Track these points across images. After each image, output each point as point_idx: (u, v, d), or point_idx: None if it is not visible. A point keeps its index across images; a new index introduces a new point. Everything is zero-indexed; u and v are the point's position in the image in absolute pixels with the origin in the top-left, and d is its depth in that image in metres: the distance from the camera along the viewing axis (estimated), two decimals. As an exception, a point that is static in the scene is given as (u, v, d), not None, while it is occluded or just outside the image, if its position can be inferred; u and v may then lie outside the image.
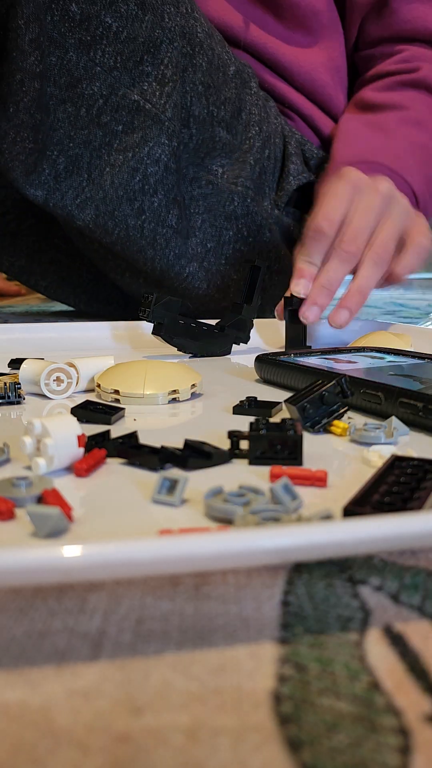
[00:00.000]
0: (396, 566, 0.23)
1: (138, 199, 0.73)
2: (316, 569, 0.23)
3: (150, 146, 0.71)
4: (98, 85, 0.67)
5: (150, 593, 0.21)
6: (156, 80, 0.69)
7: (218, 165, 0.77)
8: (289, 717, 0.16)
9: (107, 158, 0.71)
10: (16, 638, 0.19)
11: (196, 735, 0.16)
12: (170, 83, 0.70)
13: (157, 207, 0.73)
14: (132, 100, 0.69)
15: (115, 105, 0.68)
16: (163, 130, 0.71)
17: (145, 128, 0.70)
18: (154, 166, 0.72)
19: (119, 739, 0.16)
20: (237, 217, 0.79)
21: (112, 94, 0.68)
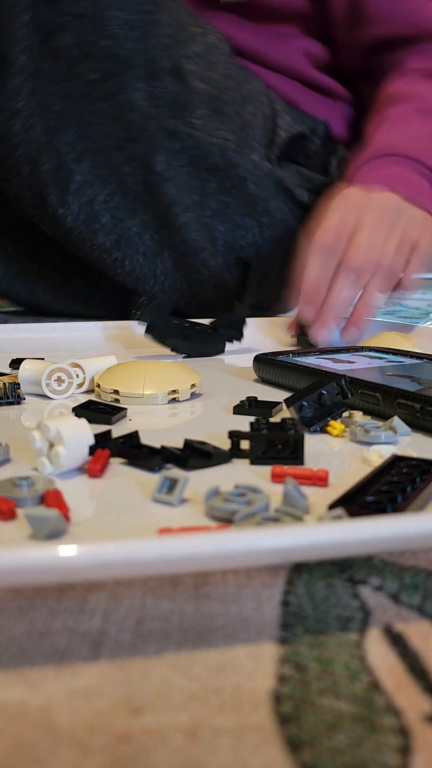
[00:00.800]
0: (396, 566, 0.23)
1: (126, 147, 0.74)
2: (316, 569, 0.23)
3: (127, 92, 0.73)
4: (70, 35, 0.69)
5: (150, 593, 0.21)
6: (125, 23, 0.72)
7: (196, 117, 0.78)
8: (289, 717, 0.16)
9: (89, 109, 0.72)
10: (16, 638, 0.19)
11: (196, 735, 0.16)
12: (138, 28, 0.72)
13: (144, 153, 0.75)
14: (102, 45, 0.71)
15: (87, 53, 0.70)
16: (139, 75, 0.73)
17: (120, 74, 0.72)
18: (134, 113, 0.74)
19: (119, 739, 0.16)
20: (219, 169, 0.80)
21: (83, 42, 0.70)
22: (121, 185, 0.76)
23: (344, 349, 0.52)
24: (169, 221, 0.78)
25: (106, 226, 0.77)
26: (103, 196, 0.76)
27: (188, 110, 0.77)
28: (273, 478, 0.29)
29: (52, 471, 0.29)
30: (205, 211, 0.80)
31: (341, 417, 0.37)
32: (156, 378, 0.42)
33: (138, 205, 0.77)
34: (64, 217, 0.74)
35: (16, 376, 0.46)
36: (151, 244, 0.79)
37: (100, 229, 0.76)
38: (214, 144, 0.79)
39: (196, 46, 0.78)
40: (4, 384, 0.42)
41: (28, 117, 0.68)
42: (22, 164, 0.70)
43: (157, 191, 0.76)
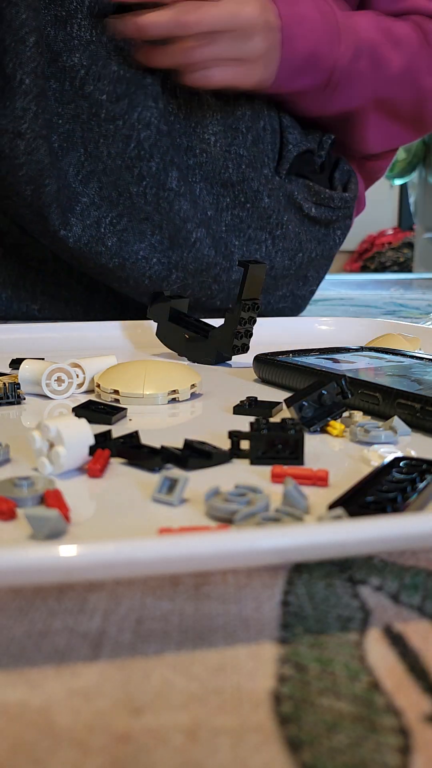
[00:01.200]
0: (396, 566, 0.23)
1: (136, 166, 0.74)
2: (316, 569, 0.23)
3: (139, 111, 0.72)
4: (78, 56, 0.69)
5: (150, 593, 0.21)
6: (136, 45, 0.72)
7: (210, 133, 0.79)
8: (289, 717, 0.16)
9: (98, 129, 0.72)
10: (16, 638, 0.19)
11: (196, 735, 0.16)
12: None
13: (156, 171, 0.74)
14: (112, 70, 0.71)
15: (96, 75, 0.70)
16: (148, 93, 0.73)
17: (130, 94, 0.72)
18: (146, 131, 0.73)
19: (119, 739, 0.16)
20: (233, 184, 0.80)
21: (92, 65, 0.70)
22: (130, 207, 0.75)
23: (344, 349, 0.52)
24: (182, 239, 0.77)
25: (111, 249, 0.76)
26: (110, 219, 0.75)
27: (202, 126, 0.78)
28: (273, 478, 0.29)
29: (52, 471, 0.29)
30: (220, 226, 0.80)
31: (341, 417, 0.37)
32: (156, 378, 0.42)
33: (146, 228, 0.76)
34: (65, 239, 0.74)
35: (16, 376, 0.46)
36: (159, 269, 0.78)
37: (103, 252, 0.76)
38: (229, 159, 0.79)
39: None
40: (4, 384, 0.42)
41: (32, 139, 0.68)
42: (24, 184, 0.70)
43: (170, 209, 0.76)
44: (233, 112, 0.80)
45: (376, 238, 3.90)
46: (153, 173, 0.74)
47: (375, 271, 3.74)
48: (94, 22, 0.69)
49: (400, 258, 3.72)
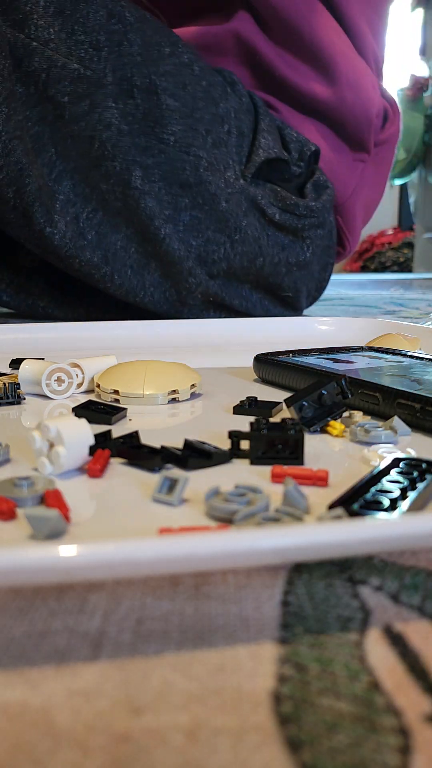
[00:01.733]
0: (396, 566, 0.23)
1: (102, 165, 0.76)
2: (316, 569, 0.23)
3: (99, 112, 0.74)
4: (38, 59, 0.71)
5: (150, 593, 0.21)
6: (91, 46, 0.73)
7: (168, 133, 0.80)
8: (289, 717, 0.16)
9: (65, 130, 0.74)
10: (16, 638, 0.19)
11: (196, 735, 0.16)
12: (105, 48, 0.74)
13: (120, 170, 0.76)
14: (71, 68, 0.72)
15: (57, 77, 0.72)
16: (108, 93, 0.75)
17: (90, 94, 0.74)
18: (107, 131, 0.75)
19: (119, 739, 0.16)
20: (190, 185, 0.82)
21: (52, 67, 0.72)
22: (102, 202, 0.78)
23: (344, 349, 0.52)
24: (151, 234, 0.79)
25: (92, 242, 0.78)
26: (86, 214, 0.78)
27: (161, 126, 0.79)
28: (273, 478, 0.29)
29: (52, 471, 0.29)
30: (178, 225, 0.82)
31: (341, 417, 0.37)
32: (156, 378, 0.42)
33: (119, 221, 0.79)
34: (51, 236, 0.75)
35: (16, 376, 0.46)
36: (137, 257, 0.81)
37: (86, 245, 0.78)
38: (186, 161, 0.81)
39: (167, 65, 0.79)
40: (4, 384, 0.42)
41: (7, 141, 0.70)
42: (6, 187, 0.72)
43: (137, 206, 0.78)
44: (192, 114, 0.81)
45: (376, 238, 3.90)
46: (117, 172, 0.76)
47: (375, 271, 3.74)
48: (50, 21, 0.71)
49: (400, 258, 3.72)
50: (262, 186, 0.88)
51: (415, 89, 2.77)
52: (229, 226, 0.84)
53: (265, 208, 0.87)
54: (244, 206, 0.85)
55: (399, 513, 0.24)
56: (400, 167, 2.83)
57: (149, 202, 0.78)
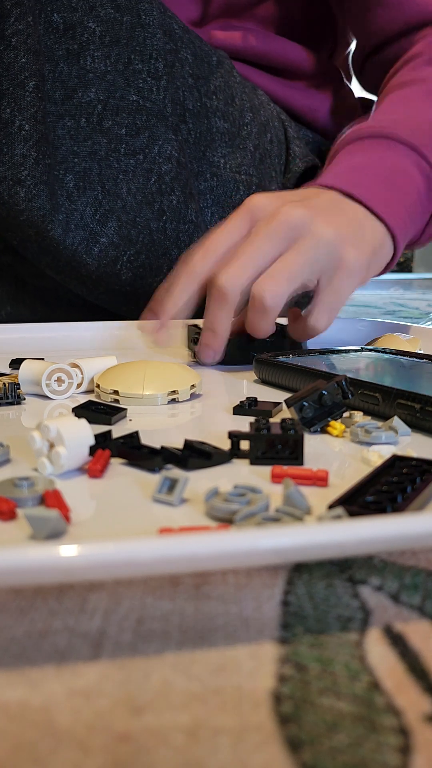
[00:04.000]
0: (396, 566, 0.23)
1: (157, 201, 0.71)
2: (316, 569, 0.23)
3: (159, 144, 0.70)
4: (94, 90, 0.66)
5: (150, 593, 0.21)
6: (150, 75, 0.69)
7: (219, 156, 0.76)
8: (289, 717, 0.16)
9: (117, 165, 0.68)
10: (16, 638, 0.19)
11: (197, 735, 0.16)
12: (164, 77, 0.69)
13: (176, 204, 0.72)
14: (131, 100, 0.68)
15: (114, 108, 0.67)
16: (169, 126, 0.70)
17: (150, 126, 0.69)
18: (167, 164, 0.70)
19: (120, 739, 0.16)
20: None
21: (110, 98, 0.67)
22: (149, 244, 0.72)
23: (344, 349, 0.52)
24: None
25: (125, 281, 0.74)
26: (128, 257, 0.72)
27: (212, 150, 0.75)
28: (273, 478, 0.29)
29: (52, 471, 0.29)
30: None
31: (341, 417, 0.37)
32: (156, 378, 0.42)
33: (164, 263, 0.73)
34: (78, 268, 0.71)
35: (16, 376, 0.46)
36: None
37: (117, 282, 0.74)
38: (239, 181, 0.77)
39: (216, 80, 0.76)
40: (4, 384, 0.42)
41: (32, 186, 0.65)
42: (27, 227, 0.67)
43: (189, 241, 0.73)
44: (239, 132, 0.77)
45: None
46: (174, 207, 0.72)
47: (375, 271, 3.73)
48: (107, 52, 0.66)
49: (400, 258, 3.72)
50: None
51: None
52: None
53: None
54: None
55: (399, 513, 0.24)
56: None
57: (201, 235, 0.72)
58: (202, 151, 0.75)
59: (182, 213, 0.73)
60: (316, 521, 0.24)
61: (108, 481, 0.29)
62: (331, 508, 0.24)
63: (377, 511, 0.24)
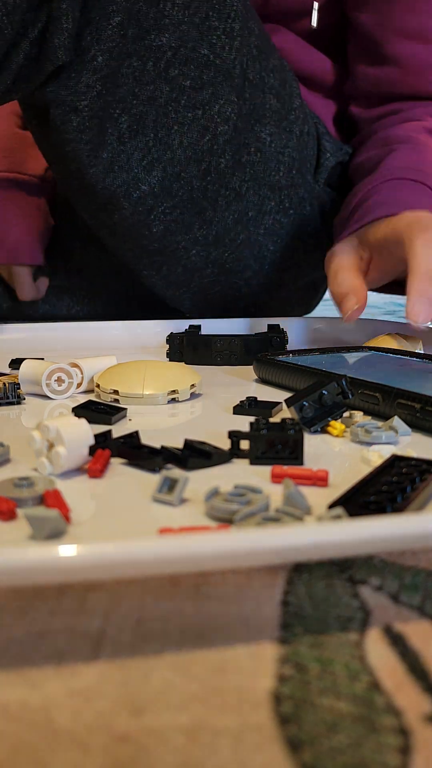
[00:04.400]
0: (396, 566, 0.23)
1: (205, 160, 0.70)
2: (316, 569, 0.23)
3: (221, 104, 0.68)
4: (167, 36, 0.64)
5: (150, 593, 0.21)
6: (225, 34, 0.67)
7: (267, 133, 0.75)
8: (289, 717, 0.16)
9: (174, 116, 0.67)
10: (16, 638, 0.19)
11: (197, 735, 0.16)
12: (238, 38, 0.68)
13: (224, 168, 0.71)
14: (201, 54, 0.66)
15: (183, 58, 0.66)
16: (234, 87, 0.69)
17: (216, 84, 0.68)
18: (224, 125, 0.69)
19: (119, 739, 0.16)
20: (281, 188, 0.77)
21: (181, 47, 0.65)
22: (187, 200, 0.72)
23: (344, 349, 0.52)
24: (228, 239, 0.75)
25: (156, 235, 0.73)
26: (164, 209, 0.71)
27: (261, 125, 0.74)
28: (273, 478, 0.29)
29: (52, 471, 0.29)
30: (258, 228, 0.77)
31: (341, 417, 0.37)
32: (156, 378, 0.42)
33: (195, 222, 0.73)
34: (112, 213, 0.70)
35: (16, 376, 0.46)
36: (196, 260, 0.76)
37: (147, 236, 0.73)
38: (281, 162, 0.76)
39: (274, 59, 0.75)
40: (4, 384, 0.42)
41: (87, 118, 0.64)
42: (70, 162, 0.67)
43: (227, 208, 0.73)
44: (287, 115, 0.77)
45: (376, 238, 3.89)
46: (221, 170, 0.71)
47: (375, 271, 3.73)
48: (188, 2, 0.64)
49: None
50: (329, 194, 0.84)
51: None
52: (308, 231, 0.81)
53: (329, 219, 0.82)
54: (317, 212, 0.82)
55: (399, 513, 0.24)
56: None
57: (239, 206, 0.73)
58: (251, 124, 0.74)
59: (227, 179, 0.72)
60: (316, 521, 0.24)
61: (108, 481, 0.29)
62: (331, 508, 0.24)
63: (377, 511, 0.24)
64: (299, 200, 0.79)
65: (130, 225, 0.72)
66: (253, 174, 0.75)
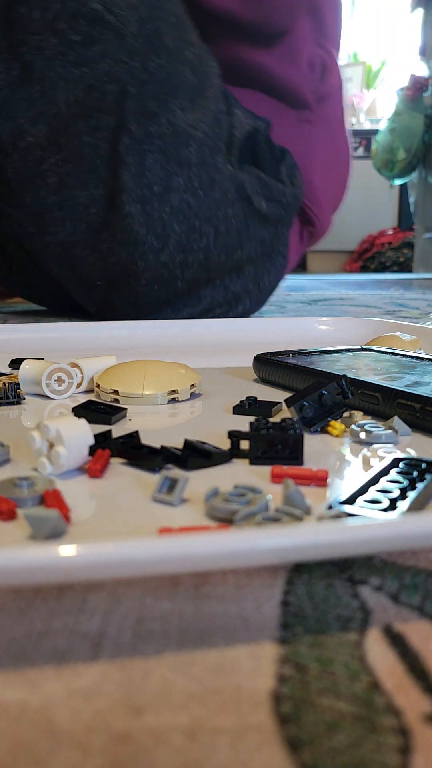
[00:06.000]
0: (396, 566, 0.23)
1: (94, 117, 0.69)
2: (316, 569, 0.23)
3: (110, 63, 0.67)
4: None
5: (150, 593, 0.21)
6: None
7: (178, 106, 0.73)
8: (289, 717, 0.16)
9: (61, 71, 0.66)
10: (16, 638, 0.19)
11: (196, 735, 0.16)
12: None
13: (113, 128, 0.70)
14: (92, 8, 0.65)
15: (72, 11, 0.64)
16: (125, 46, 0.67)
17: (106, 42, 0.66)
18: (112, 84, 0.68)
19: (119, 739, 0.16)
20: (190, 165, 0.75)
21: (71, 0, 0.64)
22: (78, 154, 0.70)
23: (344, 349, 0.52)
24: (115, 206, 0.72)
25: (52, 186, 0.71)
26: (55, 161, 0.70)
27: (173, 97, 0.72)
28: (273, 478, 0.29)
29: (52, 471, 0.29)
30: (164, 206, 0.74)
31: (341, 417, 0.37)
32: (156, 378, 0.42)
33: (90, 179, 0.71)
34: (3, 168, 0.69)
35: (16, 376, 0.46)
36: (96, 220, 0.74)
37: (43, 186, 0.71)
38: (192, 137, 0.74)
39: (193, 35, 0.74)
40: (4, 384, 0.42)
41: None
42: None
43: (113, 172, 0.71)
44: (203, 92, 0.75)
45: (376, 238, 3.90)
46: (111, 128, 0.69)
47: (375, 271, 3.75)
48: None
49: (400, 258, 3.72)
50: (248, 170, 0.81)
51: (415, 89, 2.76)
52: (218, 216, 0.78)
53: (252, 197, 0.80)
54: (232, 195, 0.78)
55: (399, 513, 0.24)
56: (400, 167, 2.83)
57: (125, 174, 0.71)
58: (165, 93, 0.72)
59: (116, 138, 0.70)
60: (316, 521, 0.24)
61: (108, 481, 0.29)
62: (330, 508, 0.24)
63: (377, 511, 0.24)
64: (209, 181, 0.76)
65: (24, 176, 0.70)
66: (162, 146, 0.73)
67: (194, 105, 0.74)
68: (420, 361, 0.47)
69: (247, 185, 0.80)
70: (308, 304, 1.26)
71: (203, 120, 0.75)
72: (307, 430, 0.35)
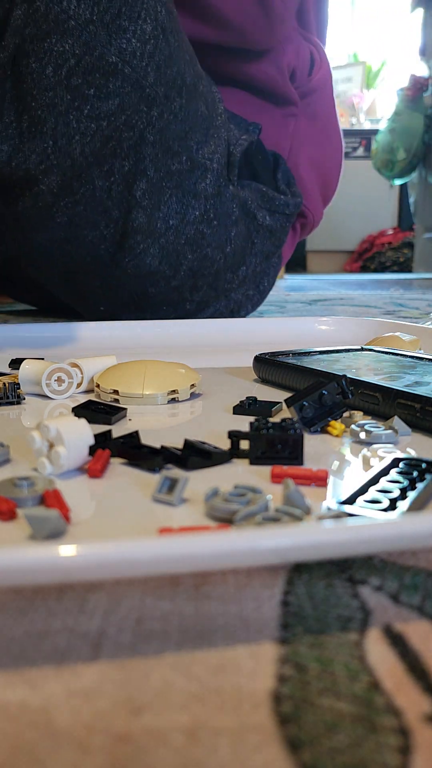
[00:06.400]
0: (396, 566, 0.23)
1: (108, 162, 0.67)
2: (316, 569, 0.23)
3: (128, 114, 0.64)
4: (71, 42, 0.59)
5: (150, 593, 0.21)
6: (135, 37, 0.62)
7: (195, 141, 0.72)
8: (289, 717, 0.16)
9: (76, 125, 0.63)
10: (16, 638, 0.19)
11: (196, 735, 0.16)
12: (152, 41, 0.63)
13: (128, 172, 0.68)
14: (109, 62, 0.61)
15: (88, 66, 0.61)
16: (143, 97, 0.65)
17: (123, 95, 0.63)
18: (129, 132, 0.66)
19: (119, 739, 0.16)
20: (207, 197, 0.74)
21: (86, 54, 0.60)
22: (91, 197, 0.69)
23: (344, 349, 0.52)
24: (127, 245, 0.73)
25: (61, 225, 0.70)
26: (65, 203, 0.69)
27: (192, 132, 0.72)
28: (273, 478, 0.29)
29: (52, 471, 0.29)
30: (180, 238, 0.75)
31: (341, 417, 0.37)
32: (156, 378, 0.42)
33: (101, 221, 0.71)
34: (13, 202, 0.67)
35: (16, 376, 0.46)
36: (104, 256, 0.74)
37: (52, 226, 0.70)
38: (209, 169, 0.74)
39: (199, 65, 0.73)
40: (4, 384, 0.42)
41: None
42: None
43: (127, 215, 0.70)
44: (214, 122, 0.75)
45: (376, 238, 3.90)
46: (125, 172, 0.68)
47: (375, 271, 3.75)
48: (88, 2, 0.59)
49: (400, 258, 3.72)
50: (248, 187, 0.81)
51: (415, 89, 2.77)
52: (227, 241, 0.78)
53: (255, 212, 0.80)
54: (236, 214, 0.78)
55: (399, 513, 0.24)
56: (400, 167, 2.83)
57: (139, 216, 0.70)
58: (185, 132, 0.70)
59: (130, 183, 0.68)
60: (316, 521, 0.24)
61: (108, 481, 0.29)
62: (330, 509, 0.24)
63: (377, 511, 0.24)
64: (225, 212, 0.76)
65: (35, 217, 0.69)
66: (179, 181, 0.72)
67: (208, 137, 0.74)
68: (420, 361, 0.47)
69: (250, 202, 0.80)
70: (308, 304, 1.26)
71: (218, 150, 0.75)
72: (307, 430, 0.35)
